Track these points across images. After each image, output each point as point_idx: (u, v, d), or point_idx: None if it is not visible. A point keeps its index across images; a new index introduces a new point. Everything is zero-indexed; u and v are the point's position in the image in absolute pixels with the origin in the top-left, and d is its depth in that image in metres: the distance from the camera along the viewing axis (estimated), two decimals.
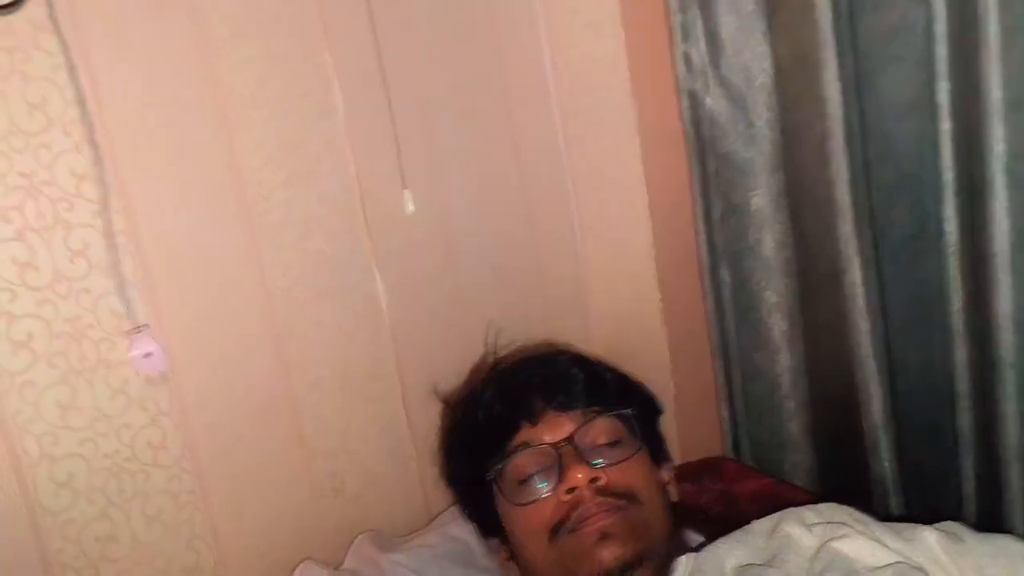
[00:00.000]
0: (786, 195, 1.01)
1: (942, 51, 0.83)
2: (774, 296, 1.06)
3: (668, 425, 1.12)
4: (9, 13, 0.68)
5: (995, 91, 0.76)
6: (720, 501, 0.99)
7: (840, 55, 0.86)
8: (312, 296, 0.91)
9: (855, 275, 0.92)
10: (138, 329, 0.78)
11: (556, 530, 0.73)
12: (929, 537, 0.66)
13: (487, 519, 0.83)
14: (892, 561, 0.64)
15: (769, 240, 1.04)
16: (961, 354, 0.90)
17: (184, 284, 0.82)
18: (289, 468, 0.90)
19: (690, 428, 1.11)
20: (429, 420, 0.99)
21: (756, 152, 1.01)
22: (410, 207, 0.96)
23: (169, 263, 0.81)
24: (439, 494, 0.99)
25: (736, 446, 1.12)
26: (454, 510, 0.94)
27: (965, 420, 0.92)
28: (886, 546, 0.65)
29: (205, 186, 0.83)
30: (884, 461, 0.96)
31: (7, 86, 0.71)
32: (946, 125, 0.85)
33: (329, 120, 0.91)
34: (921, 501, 0.98)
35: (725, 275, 1.08)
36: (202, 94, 0.82)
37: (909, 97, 0.88)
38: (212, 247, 0.84)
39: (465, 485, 0.87)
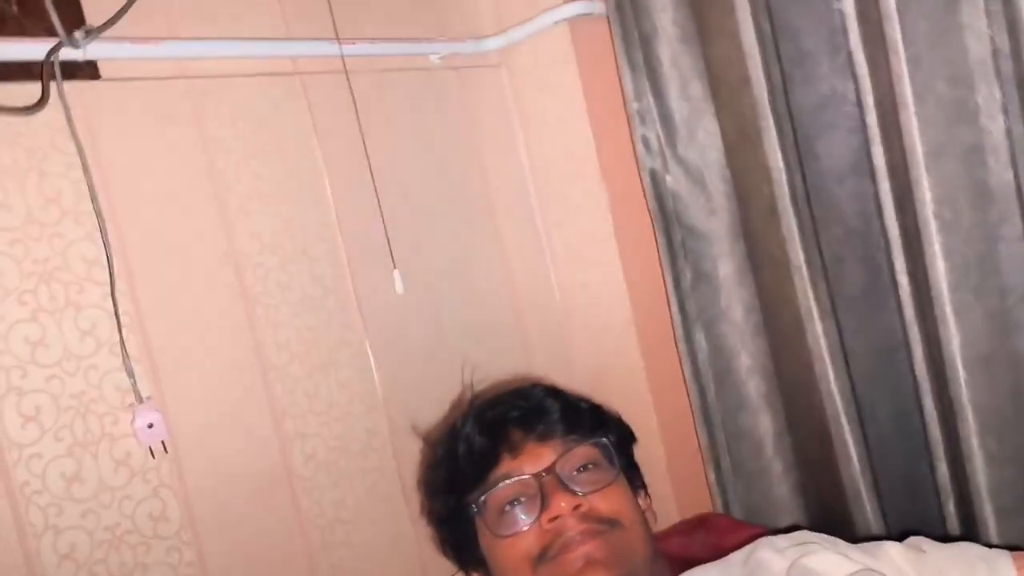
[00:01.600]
0: (748, 259, 1.08)
1: (871, 119, 0.92)
2: (748, 359, 1.11)
3: (663, 486, 1.15)
4: (30, 115, 0.77)
5: (918, 146, 0.84)
6: (711, 552, 1.00)
7: (778, 126, 0.95)
8: (307, 372, 0.96)
9: (816, 328, 0.98)
10: (140, 402, 0.82)
11: (540, 558, 0.75)
12: (892, 550, 0.69)
13: (469, 553, 0.85)
14: (857, 570, 0.66)
15: (737, 305, 1.10)
16: (927, 400, 0.95)
17: (185, 361, 0.87)
18: (287, 540, 0.92)
19: (684, 490, 1.13)
20: None
21: (717, 222, 1.09)
22: (399, 287, 1.02)
23: (171, 341, 0.86)
24: (437, 564, 1.01)
25: (727, 507, 1.13)
26: None
27: (941, 468, 0.95)
28: (851, 559, 0.68)
29: (205, 271, 0.90)
30: (868, 513, 0.99)
31: (26, 181, 0.79)
32: (885, 184, 0.93)
33: (320, 210, 0.99)
34: None
35: (701, 340, 1.13)
36: (203, 188, 0.90)
37: (847, 161, 0.96)
38: (212, 327, 0.90)
39: (446, 520, 0.88)
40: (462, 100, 1.18)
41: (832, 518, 1.03)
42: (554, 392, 0.89)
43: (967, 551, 0.69)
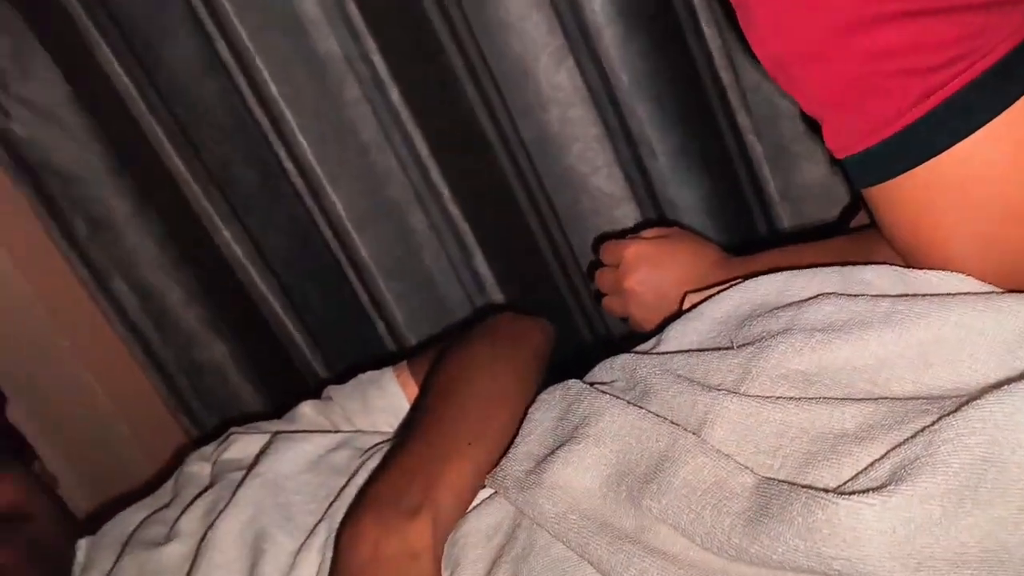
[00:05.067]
0: (140, 192, 1.00)
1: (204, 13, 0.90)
2: (180, 292, 1.05)
3: (133, 449, 1.05)
4: None
5: (246, 39, 0.85)
6: None
7: (101, 32, 0.88)
8: None
9: (224, 236, 0.96)
10: None
11: None
12: (305, 408, 0.73)
13: None
14: (267, 438, 0.67)
15: (148, 242, 1.02)
16: (350, 271, 1.01)
17: None
18: None
19: (160, 445, 1.05)
20: None
21: (90, 160, 0.98)
22: None
23: None
24: None
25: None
26: None
27: (376, 326, 1.03)
28: (268, 431, 0.69)
29: None
30: None
31: None
32: (241, 80, 0.92)
33: None
34: None
35: (121, 289, 1.03)
36: None
37: (199, 61, 0.93)
38: None
39: None
40: None
41: None
42: None
43: (361, 380, 0.75)
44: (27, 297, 1.00)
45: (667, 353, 0.53)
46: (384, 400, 0.71)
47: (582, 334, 1.01)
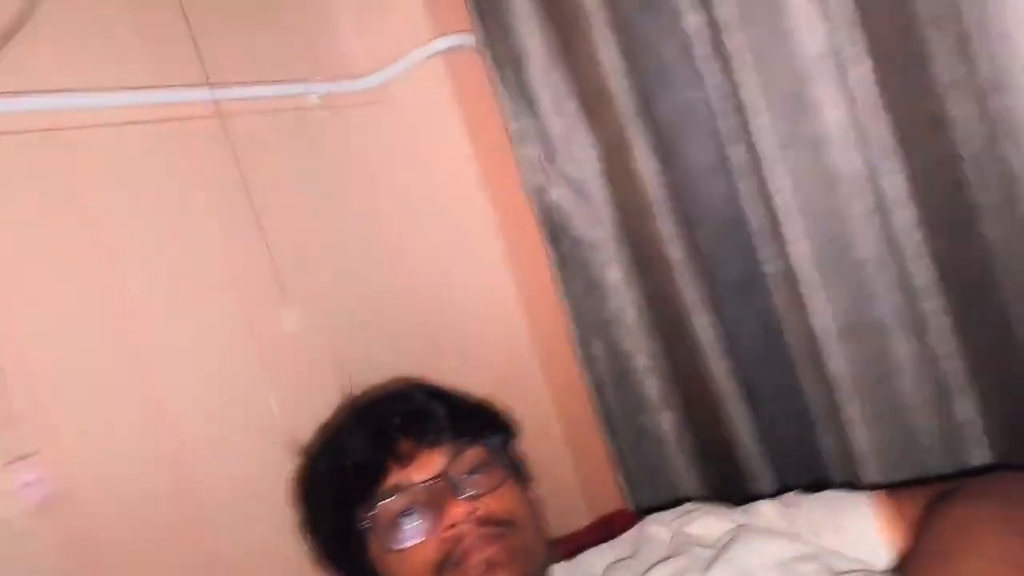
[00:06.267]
0: (634, 263, 1.12)
1: (724, 123, 0.99)
2: (644, 359, 1.15)
3: (572, 493, 1.17)
4: None
5: (768, 140, 0.91)
6: None
7: (645, 134, 1.01)
8: (206, 415, 0.95)
9: (702, 321, 1.03)
10: (24, 458, 0.80)
11: (440, 568, 0.74)
12: (764, 507, 0.74)
13: (358, 571, 0.81)
14: (732, 527, 0.69)
15: (629, 307, 1.14)
16: (807, 374, 1.01)
17: (76, 413, 0.85)
18: None
19: (595, 494, 1.15)
20: None
21: (602, 231, 1.13)
22: (290, 324, 1.02)
23: (60, 392, 0.84)
24: None
25: (637, 507, 1.16)
26: None
27: (826, 437, 1.01)
28: (728, 519, 0.72)
29: (93, 317, 0.88)
30: (766, 490, 1.03)
31: None
32: (747, 180, 1.00)
33: (206, 254, 0.99)
34: None
35: (598, 346, 1.17)
36: (89, 243, 0.89)
37: (710, 161, 1.03)
38: (104, 377, 0.88)
39: (333, 538, 0.84)
40: (346, 137, 1.20)
41: (735, 501, 1.07)
42: (436, 393, 0.87)
43: (832, 497, 0.74)
44: (524, 340, 1.19)
45: None
46: (856, 525, 0.70)
47: None
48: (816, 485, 0.83)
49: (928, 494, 0.68)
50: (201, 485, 0.93)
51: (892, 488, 0.75)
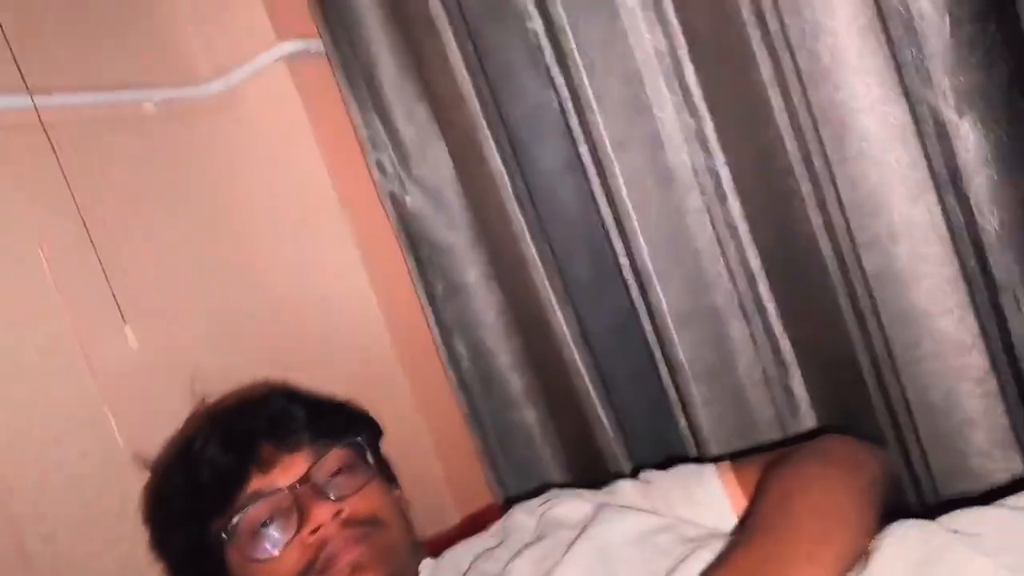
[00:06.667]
0: (492, 264, 1.15)
1: (572, 121, 1.03)
2: (507, 357, 1.18)
3: (441, 492, 1.18)
4: None
5: (607, 140, 0.97)
6: None
7: (495, 138, 1.04)
8: (39, 445, 0.88)
9: (558, 315, 1.07)
10: None
11: (306, 575, 0.73)
12: (624, 486, 0.78)
13: None
14: (594, 507, 0.73)
15: (488, 309, 1.16)
16: (658, 363, 1.07)
17: None
18: None
19: (464, 492, 1.17)
20: None
21: (457, 235, 1.15)
22: (132, 342, 0.97)
23: None
24: None
25: (507, 501, 1.19)
26: None
27: (681, 419, 1.08)
28: (591, 501, 0.75)
29: None
30: (626, 473, 1.08)
31: None
32: (594, 179, 1.04)
33: (35, 276, 0.92)
34: None
35: (461, 346, 1.18)
36: None
37: (560, 162, 1.07)
38: None
39: (189, 553, 0.80)
40: (191, 147, 1.16)
41: (598, 485, 1.11)
42: (295, 396, 0.85)
43: (684, 471, 0.80)
44: (386, 344, 1.19)
45: None
46: (706, 494, 0.75)
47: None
48: (670, 462, 0.88)
49: (765, 460, 0.74)
50: (34, 521, 0.86)
51: (735, 458, 0.81)
